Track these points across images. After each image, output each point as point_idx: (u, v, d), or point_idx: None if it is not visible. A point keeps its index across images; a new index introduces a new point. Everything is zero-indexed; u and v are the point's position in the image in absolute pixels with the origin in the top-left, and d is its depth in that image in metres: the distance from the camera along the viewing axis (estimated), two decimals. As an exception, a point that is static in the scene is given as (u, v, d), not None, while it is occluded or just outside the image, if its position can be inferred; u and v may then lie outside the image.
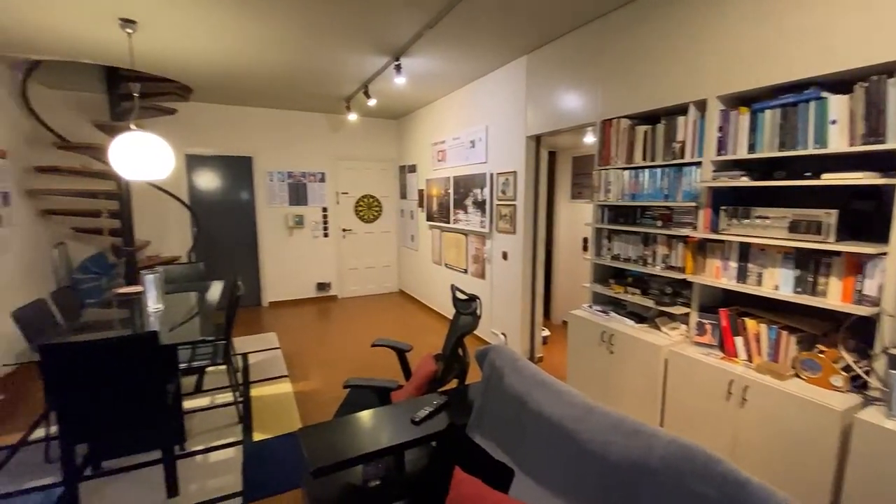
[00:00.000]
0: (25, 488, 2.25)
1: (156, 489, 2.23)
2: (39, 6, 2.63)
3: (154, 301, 2.91)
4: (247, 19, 2.85)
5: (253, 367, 3.83)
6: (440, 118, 5.16)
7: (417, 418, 1.68)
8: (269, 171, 5.79)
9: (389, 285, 6.83)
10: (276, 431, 2.79)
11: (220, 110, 5.40)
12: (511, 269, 3.92)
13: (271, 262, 5.93)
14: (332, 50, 3.44)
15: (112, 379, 1.98)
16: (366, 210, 6.54)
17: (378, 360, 3.97)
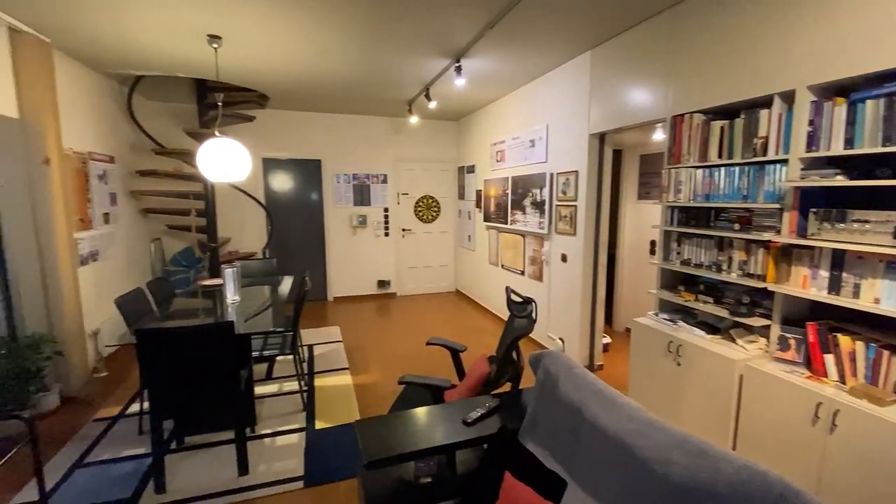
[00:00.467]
0: (122, 456, 2.56)
1: (228, 467, 2.43)
2: (143, 28, 2.96)
3: (232, 293, 3.17)
4: (319, 30, 3.01)
5: (317, 359, 4.04)
6: (499, 118, 5.12)
7: (469, 419, 1.69)
8: (335, 174, 6.08)
9: (446, 285, 6.90)
10: (337, 421, 2.93)
11: (293, 116, 5.76)
12: (570, 271, 3.80)
13: (336, 259, 6.23)
14: (396, 55, 3.54)
15: (195, 363, 2.19)
16: (425, 210, 6.65)
17: (433, 358, 4.03)
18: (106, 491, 2.25)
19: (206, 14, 2.74)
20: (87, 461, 2.50)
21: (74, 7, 2.64)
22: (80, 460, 2.50)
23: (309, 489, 2.27)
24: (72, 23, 2.88)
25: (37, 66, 2.94)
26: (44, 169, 2.95)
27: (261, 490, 2.25)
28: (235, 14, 2.74)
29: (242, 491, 2.24)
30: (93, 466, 2.45)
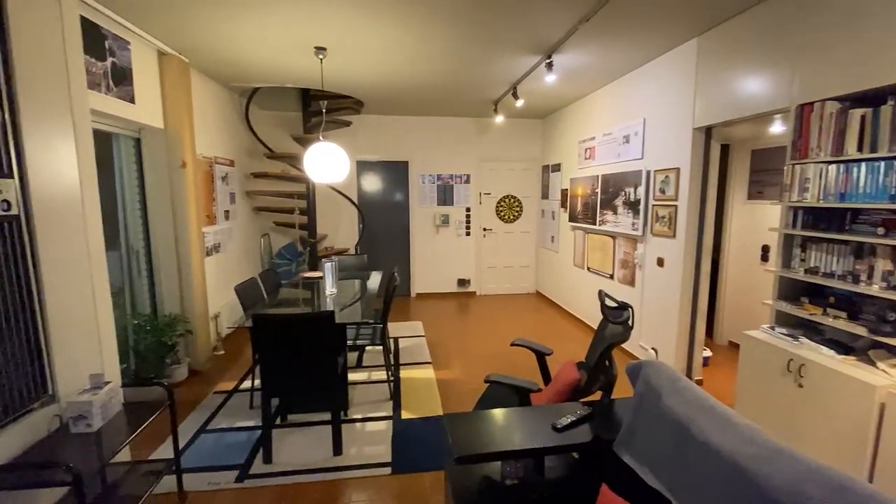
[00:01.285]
0: (236, 426, 2.88)
1: (324, 446, 2.63)
2: (262, 45, 3.31)
3: (330, 285, 3.42)
4: (415, 37, 3.13)
5: (402, 351, 4.21)
6: (589, 114, 4.91)
7: (559, 425, 1.65)
8: (421, 174, 6.28)
9: (526, 286, 6.79)
10: (421, 413, 3.03)
11: (384, 120, 6.05)
12: (667, 277, 3.53)
13: (420, 257, 6.43)
14: (486, 55, 3.56)
15: (300, 347, 2.40)
16: (507, 210, 6.60)
17: (514, 359, 3.99)
18: (224, 455, 2.56)
19: (315, 28, 2.98)
20: (209, 428, 2.86)
21: (209, 32, 3.03)
22: (204, 426, 2.87)
23: (396, 476, 2.37)
24: (205, 45, 3.30)
25: (178, 83, 3.42)
26: (181, 172, 3.43)
27: (352, 471, 2.40)
28: (340, 27, 2.95)
29: (336, 470, 2.41)
30: (214, 433, 2.80)
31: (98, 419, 1.82)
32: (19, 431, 1.71)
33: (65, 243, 1.94)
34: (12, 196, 1.69)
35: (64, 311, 1.92)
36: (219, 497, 2.21)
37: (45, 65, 1.85)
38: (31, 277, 1.77)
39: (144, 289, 3.43)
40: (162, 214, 3.44)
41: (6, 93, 1.68)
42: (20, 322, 1.73)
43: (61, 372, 1.90)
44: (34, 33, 1.80)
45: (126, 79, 2.96)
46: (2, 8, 1.66)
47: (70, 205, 1.97)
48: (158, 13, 2.76)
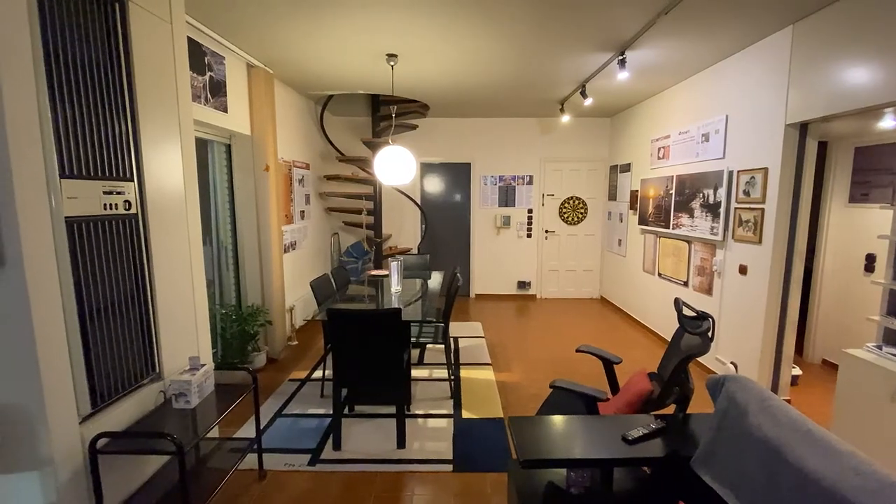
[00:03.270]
0: (308, 413, 3.07)
1: (389, 438, 2.73)
2: (336, 55, 3.50)
3: (395, 283, 3.54)
4: (482, 39, 3.16)
5: (462, 351, 4.25)
6: (663, 111, 4.66)
7: (630, 437, 1.59)
8: (483, 176, 6.30)
9: (590, 291, 6.56)
10: (481, 413, 3.04)
11: (448, 123, 6.14)
12: (751, 286, 3.26)
13: (480, 258, 6.45)
14: (554, 54, 3.50)
15: (368, 341, 2.51)
16: (570, 212, 6.43)
17: (576, 366, 3.88)
18: (297, 439, 2.74)
19: (388, 36, 3.10)
20: (284, 412, 3.07)
21: (291, 45, 3.26)
22: (280, 411, 3.09)
23: (457, 474, 2.41)
24: (288, 57, 3.56)
25: (264, 92, 3.71)
26: (264, 175, 3.71)
27: (415, 465, 2.47)
28: (411, 33, 3.05)
29: (400, 462, 2.50)
30: (289, 418, 3.00)
31: (195, 397, 2.03)
32: (133, 404, 1.95)
33: (170, 239, 2.18)
34: (132, 197, 1.94)
35: (169, 299, 2.16)
36: (294, 478, 2.37)
37: (159, 82, 2.10)
38: (145, 269, 2.02)
39: (231, 281, 3.77)
40: (247, 213, 3.75)
41: (129, 107, 1.92)
42: (136, 308, 1.98)
43: (166, 353, 2.14)
44: (151, 55, 2.04)
45: (221, 91, 3.27)
46: (127, 36, 1.90)
47: (175, 204, 2.21)
48: (249, 29, 3.02)
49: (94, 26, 1.76)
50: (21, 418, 1.53)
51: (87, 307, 1.71)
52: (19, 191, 1.44)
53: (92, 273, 1.74)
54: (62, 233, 1.61)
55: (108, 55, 1.82)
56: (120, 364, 1.89)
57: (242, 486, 2.30)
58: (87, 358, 1.72)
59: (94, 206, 1.75)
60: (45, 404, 1.54)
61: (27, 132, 1.47)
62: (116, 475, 1.86)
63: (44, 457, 1.57)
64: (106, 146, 1.81)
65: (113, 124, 1.84)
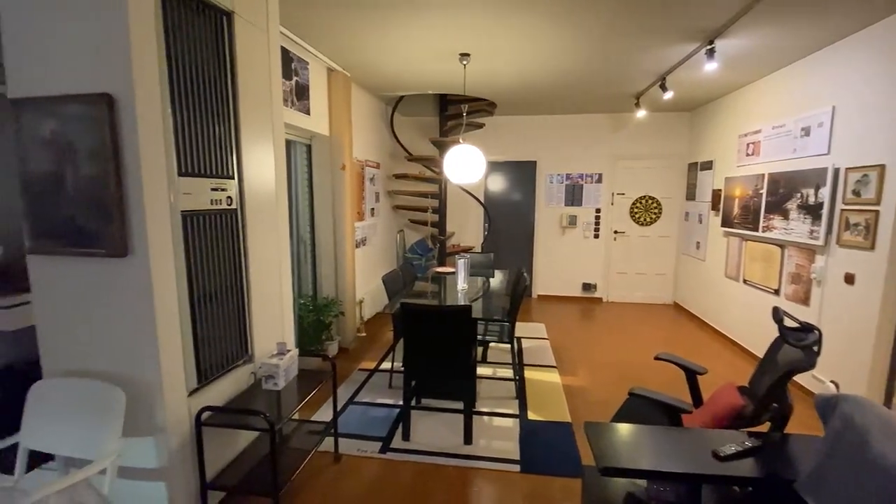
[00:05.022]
0: (377, 402, 3.19)
1: (455, 433, 2.76)
2: (409, 57, 3.59)
3: (462, 281, 3.58)
4: (557, 33, 3.09)
5: (525, 352, 4.20)
6: (754, 104, 4.28)
7: (722, 453, 1.49)
8: (548, 174, 6.16)
9: (662, 296, 6.20)
10: (548, 416, 2.99)
11: (514, 121, 6.07)
12: (859, 297, 2.91)
13: (543, 257, 6.32)
14: (635, 46, 3.35)
15: (438, 337, 2.56)
16: (642, 212, 6.11)
17: (649, 374, 3.69)
18: (368, 426, 2.86)
19: (460, 35, 3.13)
20: (355, 400, 3.22)
21: (368, 48, 3.40)
22: (352, 398, 3.24)
23: (525, 475, 2.39)
24: (364, 60, 3.71)
25: (342, 95, 3.90)
26: (340, 173, 3.90)
27: (482, 462, 2.49)
28: (483, 32, 3.06)
29: (467, 458, 2.52)
30: (360, 405, 3.14)
31: (282, 380, 2.19)
32: (229, 383, 2.14)
33: (263, 233, 2.36)
34: (234, 193, 2.12)
35: (260, 289, 2.34)
36: (366, 463, 2.48)
37: (257, 88, 2.27)
38: (242, 260, 2.20)
39: (308, 273, 4.01)
40: (324, 210, 3.97)
41: (233, 111, 2.10)
42: (234, 295, 2.16)
43: (257, 338, 2.33)
44: (251, 63, 2.22)
45: (305, 94, 3.48)
46: (233, 46, 2.08)
47: (268, 201, 2.39)
48: (330, 35, 3.18)
49: (207, 38, 1.95)
50: (143, 390, 1.74)
51: (195, 293, 1.90)
52: (147, 187, 1.63)
53: (200, 262, 1.93)
54: (178, 225, 1.80)
55: (216, 64, 2.01)
56: (220, 346, 2.08)
57: (320, 466, 2.44)
58: (195, 339, 1.91)
59: (203, 202, 1.93)
60: (161, 378, 1.73)
61: (154, 135, 1.66)
62: (214, 446, 2.05)
63: (159, 424, 1.77)
64: (214, 147, 1.99)
65: (219, 127, 2.03)
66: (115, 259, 1.66)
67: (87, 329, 1.74)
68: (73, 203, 1.66)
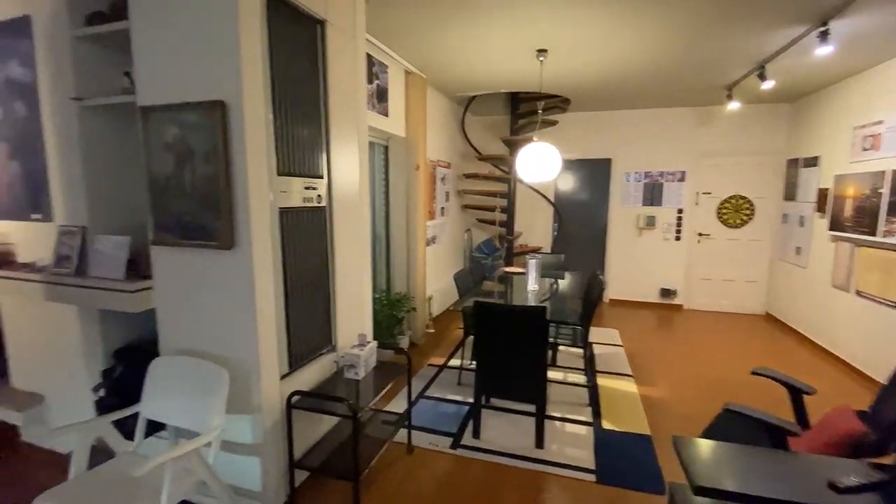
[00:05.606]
0: (447, 398, 3.23)
1: (525, 435, 2.72)
2: (485, 56, 3.59)
3: (532, 282, 3.51)
4: (641, 22, 2.93)
5: (598, 358, 4.03)
6: (872, 92, 3.76)
7: (842, 485, 1.32)
8: (625, 172, 5.86)
9: (752, 305, 5.66)
10: (624, 427, 2.85)
11: (587, 117, 5.85)
12: None
13: (617, 260, 6.03)
14: (730, 33, 3.08)
15: (511, 337, 2.53)
16: (732, 213, 5.62)
17: (740, 390, 3.39)
18: (438, 421, 2.90)
19: (538, 31, 3.07)
20: (426, 394, 3.28)
21: (443, 50, 3.45)
22: (422, 392, 3.31)
23: (601, 486, 2.29)
24: (440, 61, 3.77)
25: (418, 96, 3.99)
26: (415, 173, 4.00)
27: (554, 468, 2.42)
28: (561, 26, 2.97)
29: (539, 462, 2.47)
30: (430, 400, 3.20)
31: (363, 370, 2.29)
32: (314, 370, 2.28)
33: (346, 229, 2.48)
34: (323, 192, 2.25)
35: (344, 282, 2.46)
36: (437, 458, 2.52)
37: (344, 93, 2.39)
38: (328, 254, 2.33)
39: (382, 269, 4.15)
40: (399, 208, 4.09)
41: (324, 114, 2.23)
42: (321, 287, 2.30)
43: (340, 329, 2.45)
44: (340, 68, 2.34)
45: (384, 97, 3.61)
46: (325, 53, 2.21)
47: (352, 200, 2.51)
48: (409, 38, 3.27)
49: (303, 47, 2.09)
50: (243, 372, 1.90)
51: (289, 285, 2.05)
52: (252, 186, 1.78)
53: (293, 256, 2.07)
54: (276, 221, 1.95)
55: (310, 70, 2.14)
56: (308, 335, 2.22)
57: (394, 456, 2.52)
58: (287, 327, 2.06)
59: (297, 199, 2.07)
60: (259, 362, 1.88)
61: (258, 138, 1.81)
62: (301, 429, 2.18)
63: (256, 405, 1.92)
64: (307, 148, 2.13)
65: (312, 129, 2.16)
66: (222, 251, 1.82)
67: (198, 313, 1.93)
68: (189, 200, 1.86)
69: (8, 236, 2.43)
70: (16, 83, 2.26)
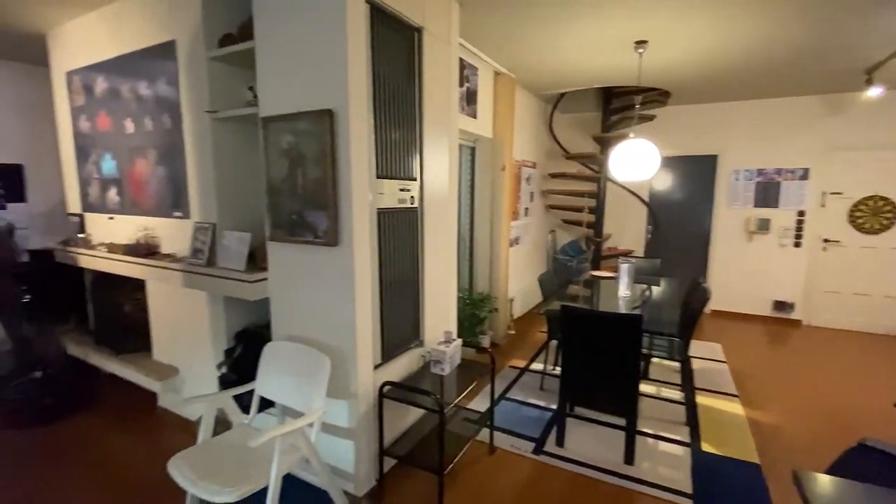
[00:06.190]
0: (529, 402, 3.18)
1: (612, 449, 2.58)
2: (579, 51, 3.46)
3: (625, 287, 3.33)
4: (752, 12, 2.63)
5: (696, 374, 3.70)
6: None
7: None
8: (734, 170, 5.29)
9: (892, 325, 4.80)
10: (728, 452, 2.58)
11: (690, 111, 5.38)
12: None
13: (721, 267, 5.47)
14: (866, 5, 2.64)
15: (601, 344, 2.42)
16: (868, 217, 4.81)
17: (883, 424, 2.90)
18: (520, 424, 2.86)
19: (637, 22, 2.89)
20: (507, 396, 3.26)
21: (535, 48, 3.39)
22: (504, 394, 3.30)
23: (700, 512, 2.10)
24: (530, 60, 3.71)
25: (506, 97, 3.98)
26: (500, 174, 3.99)
27: (646, 488, 2.27)
28: (666, 15, 2.76)
29: (628, 479, 2.33)
30: (511, 402, 3.17)
31: (448, 366, 2.34)
32: (403, 363, 2.38)
33: (436, 230, 2.55)
34: (416, 193, 2.34)
35: (432, 280, 2.54)
36: (520, 461, 2.49)
37: (438, 97, 2.46)
38: (419, 253, 2.42)
39: (466, 268, 4.21)
40: (483, 209, 4.11)
41: (419, 118, 2.32)
42: (412, 284, 2.39)
43: (427, 325, 2.54)
44: (434, 73, 2.41)
45: (473, 99, 3.65)
46: (421, 59, 2.29)
47: (441, 201, 2.58)
48: (501, 39, 3.26)
49: (401, 53, 2.18)
50: (341, 360, 2.04)
51: (384, 281, 2.16)
52: (355, 188, 1.91)
53: (388, 254, 2.18)
54: (374, 221, 2.07)
55: (407, 76, 2.23)
56: (399, 328, 2.33)
57: (476, 455, 2.54)
58: (381, 320, 2.17)
59: (392, 201, 2.18)
60: (356, 351, 2.01)
61: (361, 142, 1.93)
62: (390, 418, 2.29)
63: (352, 391, 2.06)
64: (402, 151, 2.23)
65: (408, 133, 2.25)
66: (328, 248, 1.98)
67: (305, 304, 2.12)
68: (299, 201, 2.04)
69: (154, 230, 2.87)
70: (163, 99, 2.65)
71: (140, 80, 2.75)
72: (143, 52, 2.68)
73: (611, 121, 4.81)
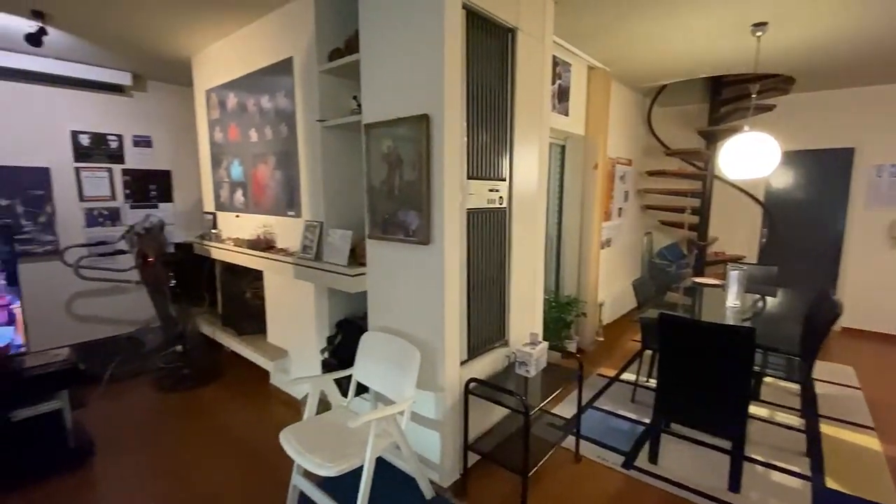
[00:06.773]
0: (619, 413, 3.02)
1: (715, 474, 2.37)
2: (684, 39, 3.20)
3: (733, 297, 3.02)
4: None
5: (820, 399, 3.24)
6: None
7: None
8: (876, 165, 4.51)
9: None
10: (859, 491, 2.23)
11: (818, 98, 4.69)
12: None
13: (857, 278, 4.70)
14: None
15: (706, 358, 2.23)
16: None
17: None
18: (608, 436, 2.74)
19: (758, 1, 2.59)
20: (594, 405, 3.14)
21: (633, 38, 3.21)
22: (591, 402, 3.18)
23: (823, 556, 1.85)
24: (627, 52, 3.52)
25: (600, 92, 3.82)
26: (592, 173, 3.85)
27: (755, 519, 2.06)
28: (797, -9, 2.45)
29: (733, 507, 2.13)
30: (599, 412, 3.05)
31: (533, 369, 2.33)
32: (488, 361, 2.41)
33: (523, 230, 2.54)
34: (505, 194, 2.36)
35: (518, 281, 2.54)
36: (607, 474, 2.39)
37: (529, 97, 2.45)
38: (506, 254, 2.44)
39: (552, 270, 4.12)
40: (572, 209, 3.99)
41: (510, 118, 2.33)
42: (498, 284, 2.42)
43: (512, 325, 2.54)
44: (527, 74, 2.41)
45: (565, 97, 3.57)
46: (514, 59, 2.30)
47: (530, 201, 2.56)
48: (594, 33, 3.14)
49: (494, 55, 2.21)
50: (430, 353, 2.13)
51: (471, 280, 2.21)
52: (447, 189, 1.98)
53: (476, 253, 2.23)
54: (464, 221, 2.13)
55: (500, 77, 2.26)
56: (485, 327, 2.37)
57: (561, 461, 2.49)
58: (468, 318, 2.23)
59: (481, 201, 2.22)
60: (444, 346, 2.09)
61: (454, 145, 2.00)
62: (474, 415, 2.34)
63: (439, 384, 2.14)
64: (493, 152, 2.26)
65: (498, 134, 2.28)
66: (421, 246, 2.08)
67: (398, 298, 2.25)
68: (396, 202, 2.17)
69: (272, 227, 3.23)
70: (281, 111, 2.98)
71: (263, 95, 3.11)
72: (266, 69, 3.04)
73: (720, 113, 4.37)
